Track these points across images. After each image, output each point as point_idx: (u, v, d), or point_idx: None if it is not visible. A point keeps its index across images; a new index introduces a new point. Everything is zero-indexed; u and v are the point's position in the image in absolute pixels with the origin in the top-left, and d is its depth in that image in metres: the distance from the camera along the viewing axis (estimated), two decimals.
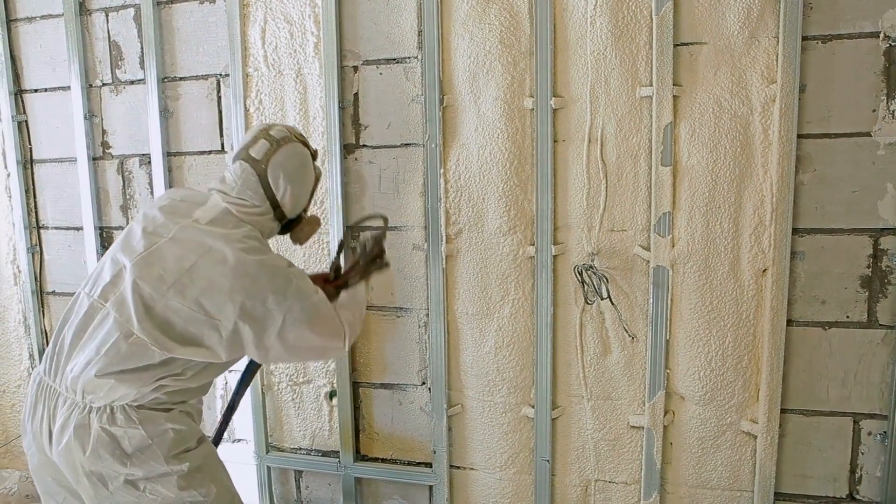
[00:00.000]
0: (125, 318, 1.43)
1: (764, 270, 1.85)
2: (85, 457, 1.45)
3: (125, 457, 1.45)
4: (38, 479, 1.64)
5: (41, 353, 2.64)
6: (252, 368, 1.95)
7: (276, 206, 1.57)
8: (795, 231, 1.83)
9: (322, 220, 1.96)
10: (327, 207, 2.17)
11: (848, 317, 1.83)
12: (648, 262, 1.91)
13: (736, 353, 1.89)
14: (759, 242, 1.84)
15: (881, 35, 1.72)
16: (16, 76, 2.51)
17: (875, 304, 1.81)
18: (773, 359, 1.85)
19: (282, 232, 1.69)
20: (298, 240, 1.74)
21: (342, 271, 1.90)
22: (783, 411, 1.90)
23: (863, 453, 1.89)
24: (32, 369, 2.67)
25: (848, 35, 1.74)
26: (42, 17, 2.44)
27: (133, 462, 1.45)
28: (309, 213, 1.74)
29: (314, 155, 1.65)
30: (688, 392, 1.95)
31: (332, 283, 1.85)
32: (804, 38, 1.75)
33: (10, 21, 2.48)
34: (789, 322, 1.86)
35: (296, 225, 1.69)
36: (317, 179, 1.67)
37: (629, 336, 1.96)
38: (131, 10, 2.33)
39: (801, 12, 1.73)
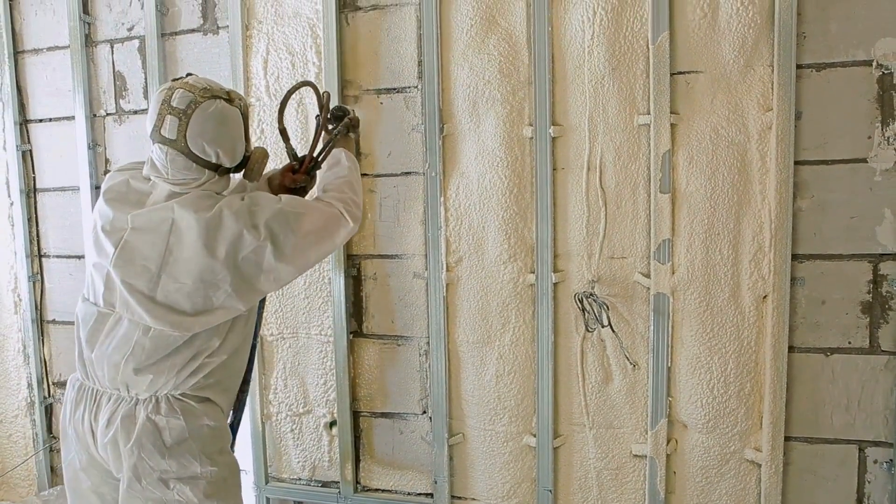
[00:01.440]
0: (137, 316, 1.49)
1: (764, 297, 1.85)
2: (128, 447, 1.50)
3: (164, 448, 1.50)
4: (72, 489, 1.68)
5: (40, 382, 2.63)
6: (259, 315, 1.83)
7: (215, 167, 1.52)
8: (795, 257, 1.83)
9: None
10: None
11: (850, 343, 1.83)
12: (649, 289, 1.92)
13: (738, 380, 1.88)
14: (758, 269, 1.85)
15: (874, 63, 1.75)
16: (21, 106, 2.55)
17: (876, 330, 1.81)
18: (776, 386, 1.84)
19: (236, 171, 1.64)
20: (251, 178, 1.63)
21: (301, 156, 1.80)
22: (787, 439, 1.88)
23: (869, 482, 1.86)
24: (31, 399, 2.65)
25: (841, 63, 1.77)
26: (49, 49, 2.49)
27: (170, 455, 1.50)
28: (254, 148, 1.63)
29: (230, 97, 1.52)
30: (690, 420, 1.93)
31: (301, 170, 1.77)
32: (798, 67, 1.78)
33: (17, 53, 2.52)
34: (791, 348, 1.85)
35: (244, 165, 1.62)
36: (244, 116, 1.56)
37: (630, 363, 1.96)
38: (136, 42, 2.37)
39: (795, 41, 1.76)
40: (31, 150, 2.57)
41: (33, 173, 2.58)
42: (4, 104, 2.54)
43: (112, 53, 2.41)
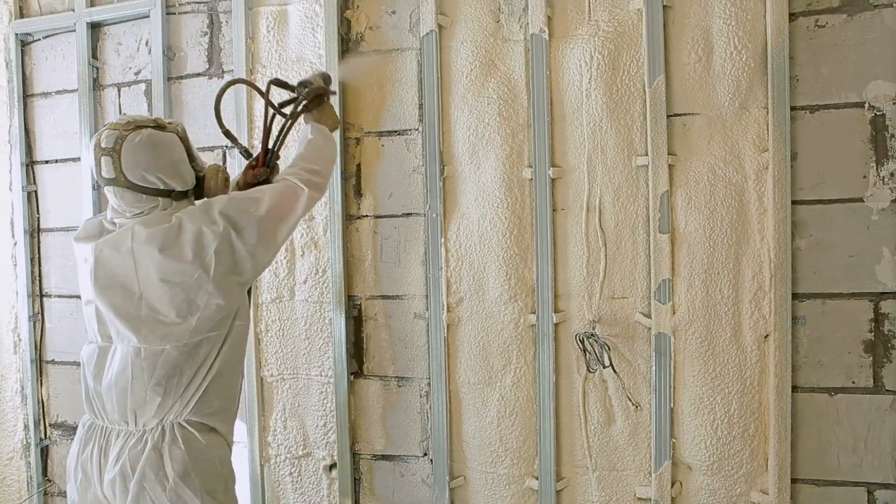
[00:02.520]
0: (126, 339, 1.52)
1: (766, 336, 1.84)
2: (132, 482, 1.49)
3: (166, 481, 1.48)
4: None
5: (37, 423, 2.61)
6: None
7: (167, 192, 1.54)
8: (795, 296, 1.83)
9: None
10: (329, 277, 2.19)
11: (854, 382, 1.82)
12: (650, 329, 1.91)
13: (742, 420, 1.86)
14: (759, 308, 1.85)
15: (866, 105, 1.78)
16: (28, 148, 2.59)
17: (880, 369, 1.80)
18: (781, 426, 1.82)
19: (198, 197, 1.65)
20: (211, 195, 1.62)
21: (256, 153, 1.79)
22: (794, 481, 1.85)
23: None
24: (27, 441, 2.62)
25: (834, 105, 1.80)
26: (57, 93, 2.54)
27: (172, 489, 1.48)
28: (208, 166, 1.65)
29: (159, 125, 1.55)
30: (695, 462, 1.91)
31: (259, 164, 1.75)
32: (793, 108, 1.81)
33: (26, 96, 2.57)
34: (794, 388, 1.84)
35: (201, 185, 1.63)
36: (182, 139, 1.58)
37: (633, 404, 1.94)
38: (143, 86, 2.42)
39: (788, 84, 1.80)
40: (36, 191, 2.59)
41: (37, 213, 2.60)
42: (12, 146, 2.58)
43: (119, 97, 2.46)
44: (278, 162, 1.81)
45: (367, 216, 2.17)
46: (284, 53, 2.23)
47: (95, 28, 2.47)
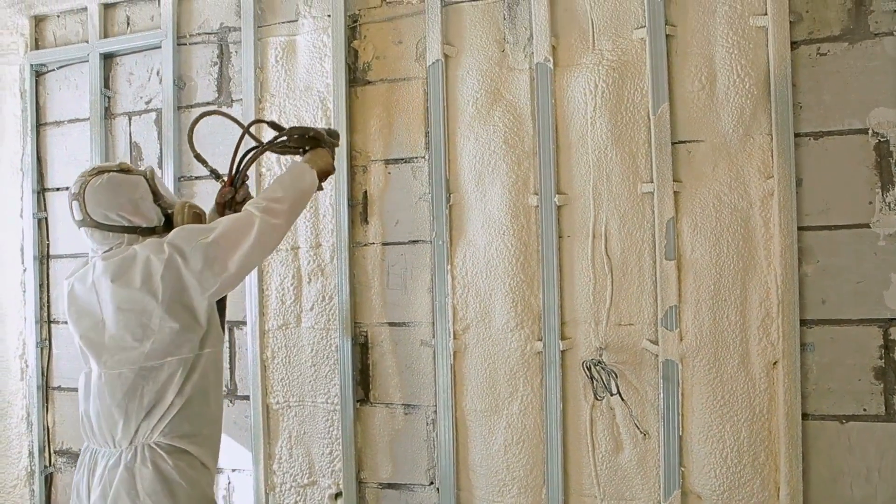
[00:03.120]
0: (93, 365, 1.61)
1: (774, 363, 1.83)
2: (109, 500, 1.53)
3: (137, 498, 1.53)
4: None
5: (41, 450, 2.60)
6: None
7: (133, 229, 1.62)
8: (803, 322, 1.82)
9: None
10: (335, 303, 2.19)
11: (865, 410, 1.80)
12: (657, 356, 1.90)
13: (752, 448, 1.84)
14: (767, 335, 1.84)
15: (869, 131, 1.79)
16: (40, 175, 2.62)
17: (891, 397, 1.78)
18: (791, 455, 1.80)
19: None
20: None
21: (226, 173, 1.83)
22: None
23: None
24: (31, 468, 2.61)
25: (838, 132, 1.81)
26: (69, 121, 2.58)
27: None
28: (179, 204, 1.70)
29: (122, 169, 1.65)
30: (704, 491, 1.88)
31: (227, 183, 1.79)
32: (797, 135, 1.82)
33: (39, 125, 2.61)
34: (805, 416, 1.82)
35: (171, 221, 1.69)
36: (149, 180, 1.67)
37: (641, 433, 1.92)
38: (153, 114, 2.46)
39: (792, 111, 1.81)
40: (46, 218, 2.62)
41: (47, 240, 2.63)
42: (24, 173, 2.61)
43: (129, 125, 2.50)
44: (247, 182, 1.85)
45: (373, 243, 2.18)
46: (293, 83, 2.27)
47: (108, 58, 2.51)
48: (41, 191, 2.62)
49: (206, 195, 2.37)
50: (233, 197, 1.78)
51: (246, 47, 2.29)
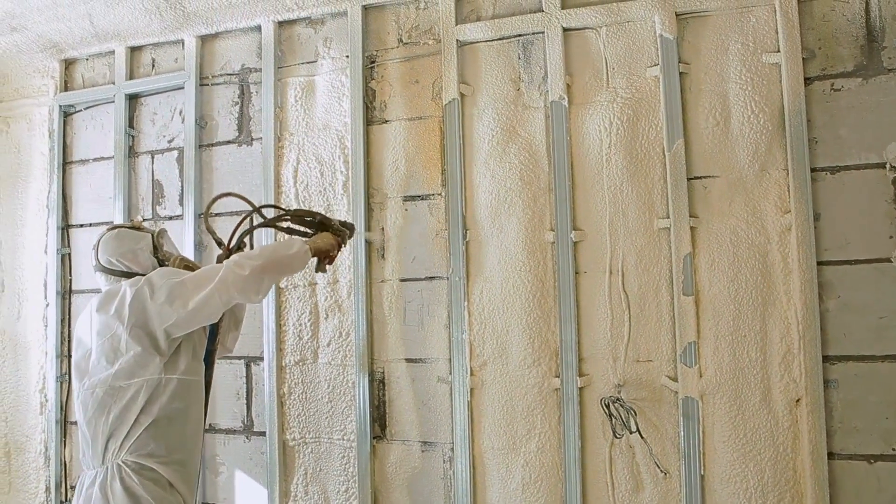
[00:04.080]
0: (81, 389, 1.72)
1: (797, 400, 1.80)
2: None
3: None
4: None
5: (58, 485, 2.60)
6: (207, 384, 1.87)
7: (129, 274, 1.80)
8: (826, 358, 1.80)
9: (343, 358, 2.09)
10: (352, 340, 2.20)
11: (894, 449, 1.75)
12: (676, 392, 1.88)
13: (777, 489, 1.80)
14: (789, 371, 1.81)
15: (887, 165, 1.78)
16: (64, 212, 2.68)
17: None
18: (818, 496, 1.76)
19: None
20: None
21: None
22: None
23: None
24: (48, 503, 2.61)
25: (855, 166, 1.81)
26: (94, 160, 2.64)
27: None
28: (174, 257, 1.87)
29: (133, 226, 1.89)
30: None
31: (224, 251, 1.89)
32: (813, 170, 1.83)
33: (65, 163, 2.68)
34: (831, 455, 1.78)
35: None
36: (155, 237, 1.88)
37: (661, 471, 1.89)
38: (175, 153, 2.52)
39: (808, 146, 1.82)
40: (70, 254, 2.67)
41: (70, 275, 2.67)
42: (49, 210, 2.68)
43: (152, 163, 2.56)
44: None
45: (390, 279, 2.19)
46: (311, 122, 2.32)
47: (133, 99, 2.59)
48: (65, 227, 2.68)
49: (225, 231, 2.39)
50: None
51: (266, 87, 2.35)
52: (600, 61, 2.02)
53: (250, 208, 1.97)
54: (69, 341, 2.65)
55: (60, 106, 2.67)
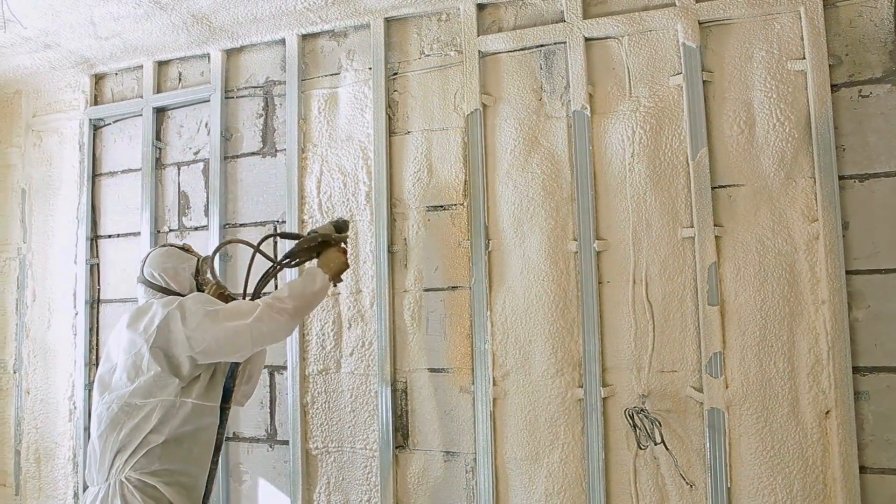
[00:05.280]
0: (98, 402, 1.75)
1: (827, 412, 1.77)
2: None
3: None
4: None
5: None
6: (224, 411, 1.87)
7: (166, 290, 1.85)
8: (856, 370, 1.76)
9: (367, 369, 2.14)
10: (375, 349, 2.21)
11: None
12: (702, 403, 1.86)
13: (806, 503, 1.76)
14: (818, 382, 1.78)
15: None
16: (93, 223, 2.74)
17: None
18: None
19: None
20: None
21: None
22: None
23: None
24: None
25: (885, 173, 1.78)
26: (123, 172, 2.70)
27: None
28: (212, 283, 1.89)
29: (183, 248, 1.94)
30: None
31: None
32: (841, 178, 1.80)
33: (94, 175, 2.74)
34: (862, 469, 1.74)
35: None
36: (199, 261, 1.91)
37: (687, 484, 1.86)
38: (201, 164, 2.56)
39: (835, 154, 1.79)
40: (98, 264, 2.72)
41: (98, 285, 2.72)
42: (79, 221, 2.73)
43: (178, 175, 2.60)
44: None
45: (413, 289, 2.20)
46: (334, 133, 2.34)
47: (160, 112, 2.64)
48: (94, 238, 2.74)
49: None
50: None
51: (290, 100, 2.38)
52: (623, 70, 2.02)
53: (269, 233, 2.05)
54: (97, 349, 2.70)
55: (90, 119, 2.73)
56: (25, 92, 2.89)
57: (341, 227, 1.95)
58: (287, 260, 1.95)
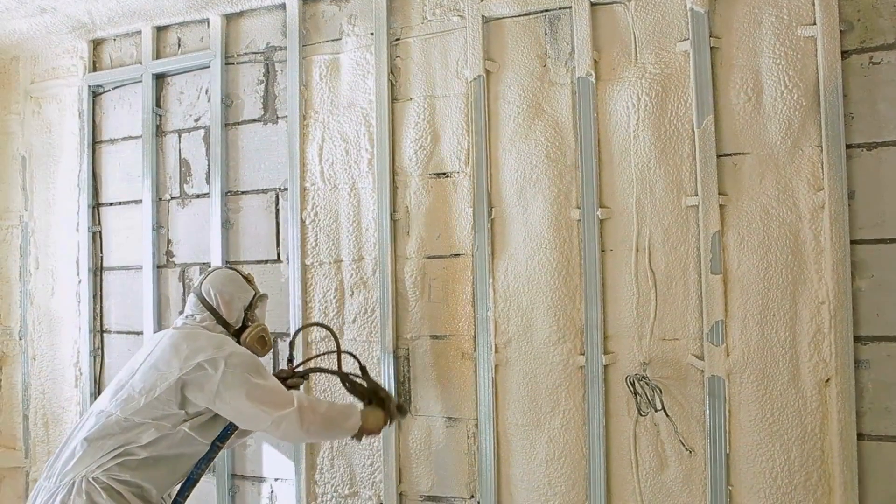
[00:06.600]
0: (104, 405, 1.73)
1: (827, 380, 1.78)
2: None
3: None
4: None
5: None
6: (213, 447, 1.88)
7: (215, 313, 1.87)
8: (857, 339, 1.77)
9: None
10: (377, 316, 2.22)
11: None
12: (703, 371, 1.87)
13: (803, 469, 1.79)
14: (819, 351, 1.79)
15: None
16: (94, 191, 2.73)
17: None
18: (847, 476, 1.74)
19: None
20: (244, 337, 1.91)
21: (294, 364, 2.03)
22: None
23: None
24: None
25: (893, 142, 1.76)
26: (123, 139, 2.68)
27: None
28: (256, 323, 1.94)
29: (246, 278, 1.97)
30: None
31: (288, 368, 2.00)
32: (848, 146, 1.78)
33: (95, 143, 2.73)
34: (860, 436, 1.76)
35: (241, 334, 1.91)
36: (256, 297, 1.95)
37: (686, 450, 1.88)
38: (202, 131, 2.54)
39: (843, 122, 1.77)
40: (100, 231, 2.72)
41: (101, 253, 2.73)
42: (80, 189, 2.73)
43: (179, 142, 2.59)
44: (304, 382, 2.07)
45: (415, 256, 2.20)
46: (336, 100, 2.32)
47: (160, 79, 2.61)
48: (95, 206, 2.73)
49: (250, 208, 2.44)
50: (285, 378, 1.96)
51: (291, 66, 2.35)
52: (629, 36, 1.99)
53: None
54: (101, 317, 2.72)
55: (89, 86, 2.71)
56: (23, 58, 2.85)
57: (402, 409, 1.97)
58: (346, 381, 1.96)
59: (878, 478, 1.75)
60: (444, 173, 2.18)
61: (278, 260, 2.40)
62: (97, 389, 2.70)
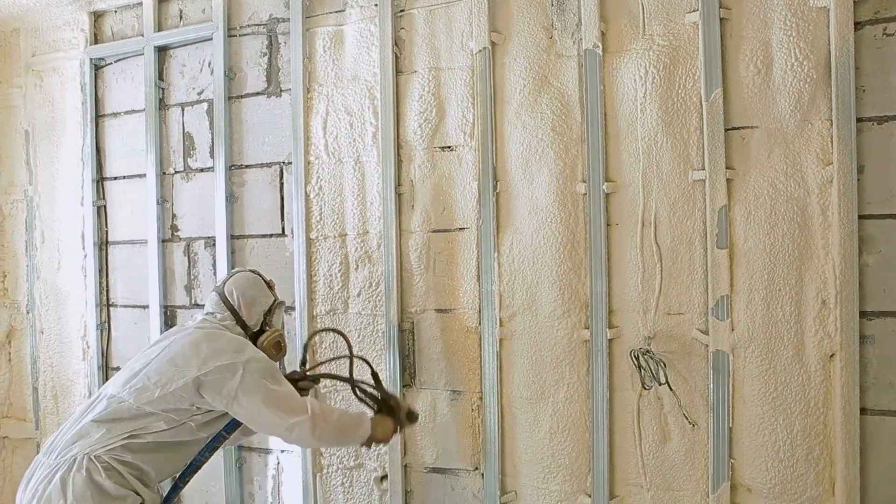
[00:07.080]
0: (115, 389, 1.76)
1: (831, 355, 1.78)
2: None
3: (63, 499, 1.61)
4: None
5: None
6: (219, 437, 1.91)
7: (235, 314, 1.89)
8: (863, 314, 1.76)
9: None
10: (382, 290, 2.22)
11: None
12: (707, 346, 1.87)
13: (806, 442, 1.80)
14: (824, 326, 1.78)
15: None
16: (98, 165, 2.73)
17: None
18: (848, 450, 1.75)
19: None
20: (261, 341, 1.92)
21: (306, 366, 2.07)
22: None
23: None
24: None
25: None
26: (126, 113, 2.67)
27: None
28: (273, 328, 1.96)
29: (268, 283, 2.00)
30: (755, 484, 1.85)
31: (301, 370, 2.03)
32: (859, 120, 1.75)
33: (98, 116, 2.71)
34: (863, 410, 1.76)
35: (258, 338, 1.92)
36: (276, 303, 1.98)
37: (689, 423, 1.90)
38: (205, 105, 2.52)
39: (854, 95, 1.74)
40: (105, 206, 2.73)
41: (106, 227, 2.73)
42: (84, 163, 2.72)
43: (182, 116, 2.57)
44: (315, 386, 2.08)
45: (419, 230, 2.20)
46: (340, 72, 2.30)
47: (162, 51, 2.59)
48: (100, 180, 2.73)
49: (254, 182, 2.44)
50: (297, 380, 1.97)
51: (294, 38, 2.33)
52: (636, 7, 1.95)
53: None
54: (107, 291, 2.73)
55: (91, 59, 2.69)
56: (23, 30, 2.83)
57: (411, 416, 1.97)
58: (357, 389, 1.98)
59: (879, 452, 1.76)
60: (449, 147, 2.16)
61: (283, 234, 2.41)
62: (105, 363, 2.73)
